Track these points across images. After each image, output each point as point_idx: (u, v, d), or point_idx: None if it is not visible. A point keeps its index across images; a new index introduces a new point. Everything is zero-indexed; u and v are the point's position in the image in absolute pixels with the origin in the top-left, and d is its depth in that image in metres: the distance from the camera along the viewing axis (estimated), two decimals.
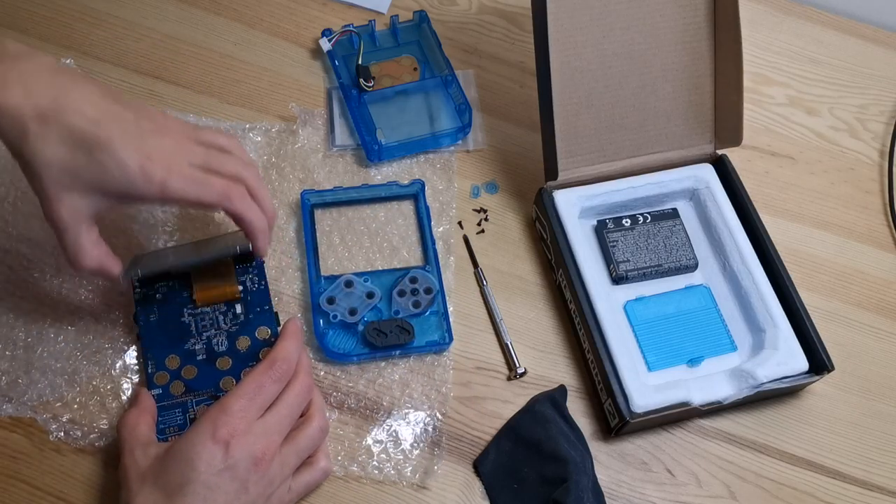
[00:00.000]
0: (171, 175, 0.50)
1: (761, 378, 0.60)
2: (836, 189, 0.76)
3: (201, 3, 0.79)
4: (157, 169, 0.50)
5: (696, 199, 0.70)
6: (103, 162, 0.49)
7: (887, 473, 0.63)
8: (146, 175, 0.49)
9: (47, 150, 0.48)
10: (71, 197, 0.49)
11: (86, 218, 0.51)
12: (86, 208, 0.50)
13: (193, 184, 0.52)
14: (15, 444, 0.58)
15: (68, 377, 0.60)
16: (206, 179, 0.52)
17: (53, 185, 0.49)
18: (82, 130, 0.48)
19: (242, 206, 0.54)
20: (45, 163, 0.48)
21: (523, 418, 0.61)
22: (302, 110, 0.74)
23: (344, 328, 0.63)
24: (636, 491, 0.60)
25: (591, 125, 0.67)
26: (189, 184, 0.51)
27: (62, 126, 0.48)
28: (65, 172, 0.48)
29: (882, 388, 0.66)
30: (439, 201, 0.71)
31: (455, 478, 0.60)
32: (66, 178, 0.49)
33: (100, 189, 0.50)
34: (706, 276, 0.67)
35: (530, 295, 0.67)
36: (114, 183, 0.49)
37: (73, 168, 0.48)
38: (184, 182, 0.51)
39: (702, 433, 0.63)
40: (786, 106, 0.80)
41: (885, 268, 0.72)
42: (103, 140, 0.48)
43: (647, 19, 0.65)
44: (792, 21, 0.85)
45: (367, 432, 0.61)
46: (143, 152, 0.50)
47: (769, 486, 0.61)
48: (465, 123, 0.73)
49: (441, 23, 0.80)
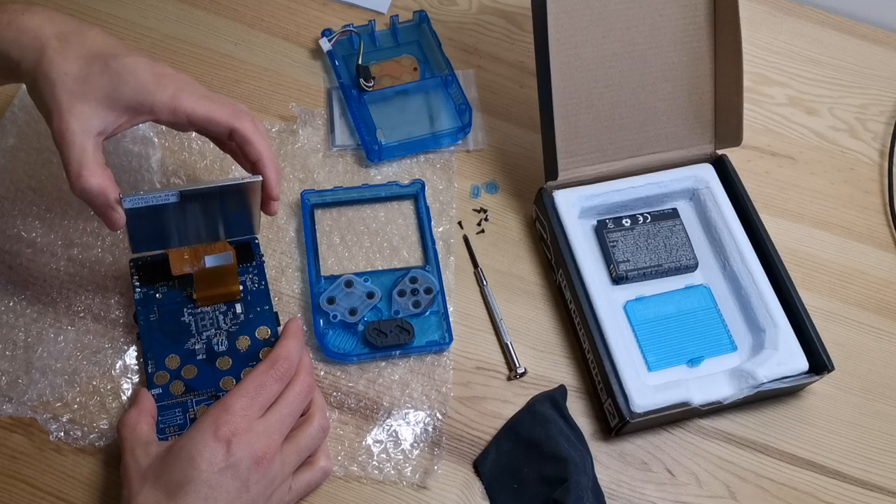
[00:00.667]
0: (183, 88, 0.52)
1: (761, 378, 0.60)
2: (836, 189, 0.76)
3: (201, 3, 0.79)
4: (169, 82, 0.51)
5: (696, 199, 0.70)
6: (118, 70, 0.50)
7: (887, 473, 0.63)
8: (159, 83, 0.51)
9: (64, 63, 0.49)
10: (82, 108, 0.49)
11: (95, 133, 0.50)
12: (96, 121, 0.50)
13: (205, 99, 0.52)
14: (15, 444, 0.58)
15: (68, 377, 0.60)
16: (219, 98, 0.54)
17: (66, 94, 0.49)
18: (100, 47, 0.51)
19: (253, 129, 0.54)
20: (60, 73, 0.49)
21: (523, 418, 0.61)
22: (302, 110, 0.74)
23: (344, 328, 0.63)
24: (636, 491, 0.60)
25: (591, 125, 0.67)
26: (201, 99, 0.52)
27: (81, 44, 0.50)
28: (79, 83, 0.49)
29: (882, 388, 0.66)
30: (439, 201, 0.71)
31: (455, 478, 0.60)
32: (80, 89, 0.49)
33: (113, 100, 0.50)
34: (706, 276, 0.67)
35: (530, 295, 0.67)
36: (127, 90, 0.50)
37: (89, 78, 0.50)
38: (196, 97, 0.52)
39: (702, 433, 0.63)
40: (786, 106, 0.80)
41: (885, 268, 0.72)
42: (120, 53, 0.51)
43: (647, 19, 0.65)
44: (792, 21, 0.85)
45: (367, 432, 0.61)
46: (156, 67, 0.52)
47: (769, 486, 0.61)
48: (465, 123, 0.73)
49: (441, 23, 0.80)
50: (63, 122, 0.49)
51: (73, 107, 0.49)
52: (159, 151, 0.70)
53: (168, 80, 0.52)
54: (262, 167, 0.56)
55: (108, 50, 0.51)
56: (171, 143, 0.71)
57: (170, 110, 0.52)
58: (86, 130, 0.50)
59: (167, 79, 0.52)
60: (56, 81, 0.49)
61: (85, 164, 0.50)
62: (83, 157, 0.50)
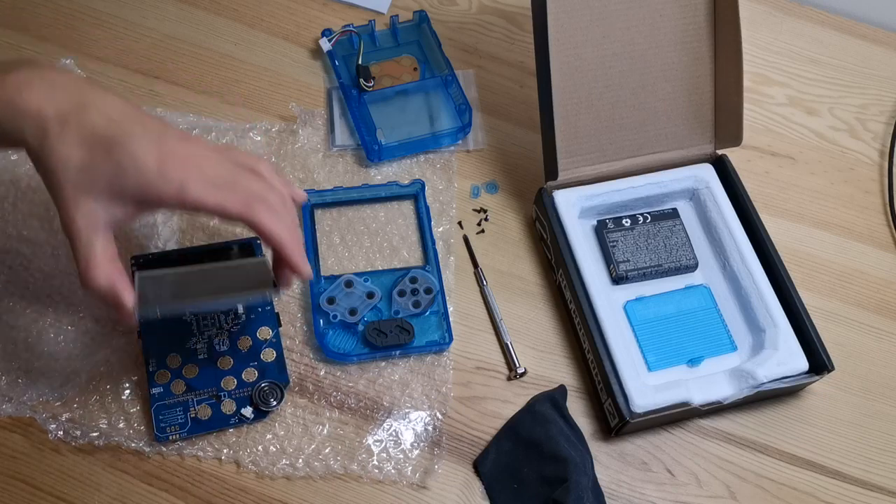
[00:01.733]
0: (190, 177, 0.47)
1: (761, 378, 0.60)
2: (836, 189, 0.76)
3: (201, 3, 0.79)
4: (175, 169, 0.47)
5: (696, 199, 0.70)
6: (120, 161, 0.46)
7: (887, 473, 0.63)
8: (163, 174, 0.47)
9: (65, 151, 0.46)
10: (87, 201, 0.47)
11: (102, 226, 0.48)
12: (102, 214, 0.47)
13: (215, 189, 0.48)
14: (15, 444, 0.58)
15: (68, 377, 0.60)
16: (230, 185, 0.49)
17: (70, 187, 0.47)
18: (102, 129, 0.47)
19: (267, 219, 0.49)
20: (63, 163, 0.46)
21: (523, 418, 0.61)
22: (302, 110, 0.74)
23: (344, 328, 0.63)
24: (636, 491, 0.60)
25: (591, 125, 0.67)
26: (210, 189, 0.48)
27: (82, 126, 0.46)
28: (82, 173, 0.46)
29: (882, 388, 0.66)
30: (439, 201, 0.71)
31: (455, 478, 0.60)
32: (83, 180, 0.47)
33: (117, 192, 0.47)
34: (706, 276, 0.67)
35: (530, 295, 0.67)
36: (130, 183, 0.47)
37: (91, 168, 0.46)
38: (204, 186, 0.48)
39: (702, 433, 0.63)
40: (786, 106, 0.80)
41: (885, 268, 0.72)
42: (121, 137, 0.47)
43: (647, 19, 0.65)
44: (792, 21, 0.85)
45: (367, 432, 0.61)
46: (162, 151, 0.47)
47: (769, 486, 0.61)
48: (465, 123, 0.73)
49: (441, 23, 0.80)
50: (68, 216, 0.47)
51: (77, 200, 0.47)
52: None
53: (173, 166, 0.47)
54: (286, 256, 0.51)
55: (110, 132, 0.47)
56: None
57: (178, 202, 0.48)
58: (92, 224, 0.47)
59: (173, 165, 0.47)
60: (58, 172, 0.46)
61: (91, 260, 0.48)
62: (90, 253, 0.48)
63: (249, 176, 0.51)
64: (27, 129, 0.46)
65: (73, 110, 0.47)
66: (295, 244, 0.51)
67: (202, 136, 0.71)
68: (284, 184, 0.54)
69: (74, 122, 0.46)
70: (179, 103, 0.74)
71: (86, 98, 0.48)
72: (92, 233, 0.48)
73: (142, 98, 0.73)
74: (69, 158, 0.46)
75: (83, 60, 0.74)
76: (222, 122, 0.73)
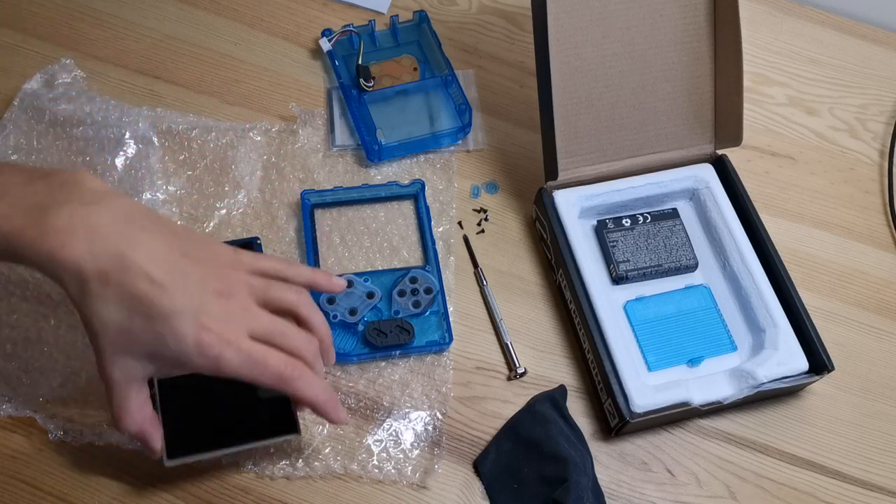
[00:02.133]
0: (226, 351, 0.48)
1: (761, 378, 0.60)
2: (836, 189, 0.76)
3: (201, 3, 0.79)
4: (213, 343, 0.48)
5: (696, 199, 0.70)
6: (161, 332, 0.48)
7: (887, 473, 0.63)
8: (201, 351, 0.48)
9: (105, 312, 0.47)
10: (125, 359, 0.49)
11: (137, 380, 0.50)
12: (138, 372, 0.49)
13: (248, 363, 0.49)
14: (15, 444, 0.58)
15: (68, 377, 0.60)
16: (263, 359, 0.50)
17: (109, 345, 0.48)
18: (143, 295, 0.47)
19: (301, 386, 0.51)
20: (102, 323, 0.47)
21: (523, 418, 0.61)
22: (302, 110, 0.74)
23: (344, 328, 0.63)
24: (636, 491, 0.60)
25: (591, 125, 0.67)
26: (244, 362, 0.49)
27: (123, 289, 0.47)
28: (121, 334, 0.48)
29: (882, 388, 0.66)
30: (439, 201, 0.71)
31: (455, 477, 0.60)
32: (121, 341, 0.48)
33: (154, 355, 0.49)
34: (706, 276, 0.67)
35: (530, 295, 0.67)
36: (168, 353, 0.48)
37: (130, 332, 0.48)
38: (239, 360, 0.49)
39: (702, 433, 0.63)
40: (786, 106, 0.80)
41: (885, 268, 0.72)
42: (162, 310, 0.47)
43: (647, 19, 0.65)
44: (792, 21, 0.85)
45: (367, 432, 0.61)
46: (200, 323, 0.48)
47: (769, 486, 0.61)
48: (465, 123, 0.73)
49: (441, 23, 0.80)
50: (105, 369, 0.49)
51: (115, 357, 0.49)
52: (159, 151, 0.70)
53: (210, 342, 0.48)
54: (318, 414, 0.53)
55: (150, 299, 0.47)
56: (171, 143, 0.71)
57: (213, 371, 0.49)
58: (127, 378, 0.49)
59: (209, 341, 0.48)
60: (98, 330, 0.48)
61: (125, 409, 0.50)
62: (124, 403, 0.50)
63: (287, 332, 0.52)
64: (67, 282, 0.47)
65: (113, 269, 0.47)
66: (331, 403, 0.52)
67: (206, 139, 0.71)
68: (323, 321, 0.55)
69: (115, 282, 0.47)
70: (179, 103, 0.74)
71: (127, 252, 0.47)
72: (126, 385, 0.50)
73: (142, 98, 0.74)
74: (109, 320, 0.47)
75: (83, 60, 0.74)
76: (222, 122, 0.73)
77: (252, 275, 0.52)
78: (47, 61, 0.74)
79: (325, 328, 0.55)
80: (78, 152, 0.68)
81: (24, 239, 0.47)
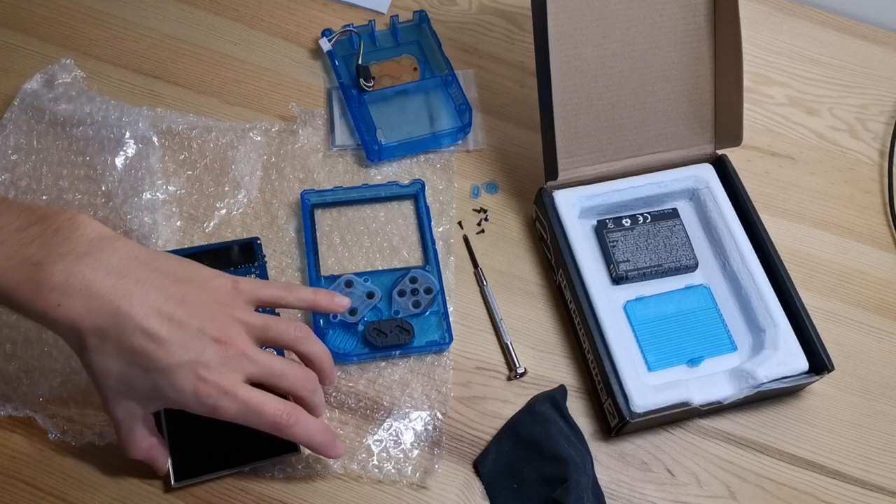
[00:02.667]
0: (222, 400, 0.49)
1: (761, 378, 0.60)
2: (836, 189, 0.76)
3: (201, 3, 0.79)
4: (210, 394, 0.49)
5: (696, 199, 0.70)
6: (158, 382, 0.49)
7: (887, 473, 0.63)
8: (199, 400, 0.49)
9: (105, 363, 0.48)
10: (126, 401, 0.50)
11: (140, 417, 0.52)
12: (140, 410, 0.51)
13: (245, 411, 0.50)
14: (15, 444, 0.58)
15: (68, 377, 0.60)
16: (259, 407, 0.50)
17: (110, 391, 0.50)
18: (141, 350, 0.48)
19: (297, 432, 0.52)
20: (102, 374, 0.49)
21: (523, 418, 0.61)
22: (302, 110, 0.74)
23: (344, 328, 0.63)
24: (636, 491, 0.60)
25: (591, 125, 0.67)
26: (241, 411, 0.50)
27: (121, 344, 0.48)
28: (122, 383, 0.49)
29: (882, 388, 0.66)
30: (439, 201, 0.71)
31: (455, 478, 0.60)
32: (122, 388, 0.49)
33: (155, 399, 0.51)
34: (706, 276, 0.67)
35: (530, 295, 0.67)
36: (168, 400, 0.50)
37: (131, 381, 0.49)
38: (236, 409, 0.50)
39: (702, 433, 0.63)
40: (786, 106, 0.80)
41: (885, 268, 0.72)
42: (160, 364, 0.48)
43: (647, 19, 0.65)
44: (792, 21, 0.85)
45: (367, 432, 0.61)
46: (197, 374, 0.49)
47: (769, 486, 0.61)
48: (465, 123, 0.73)
49: (441, 23, 0.80)
50: (109, 410, 0.51)
51: (117, 401, 0.50)
52: (159, 151, 0.70)
53: (207, 392, 0.49)
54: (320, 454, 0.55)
55: (148, 353, 0.48)
56: (171, 143, 0.71)
57: (211, 416, 0.50)
58: (130, 417, 0.51)
59: (206, 392, 0.49)
60: (99, 379, 0.49)
61: (131, 440, 0.53)
62: (129, 437, 0.53)
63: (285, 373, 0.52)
64: (65, 336, 0.49)
65: (110, 326, 0.48)
66: (326, 444, 0.53)
67: (205, 139, 0.71)
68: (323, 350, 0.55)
69: (113, 338, 0.48)
70: (179, 103, 0.74)
71: (123, 307, 0.48)
72: (130, 422, 0.52)
73: (142, 98, 0.74)
74: (109, 371, 0.49)
75: (83, 60, 0.74)
76: (222, 122, 0.73)
77: (251, 312, 0.53)
78: (47, 61, 0.74)
79: (325, 358, 0.56)
80: (78, 152, 0.68)
81: (20, 294, 0.48)
